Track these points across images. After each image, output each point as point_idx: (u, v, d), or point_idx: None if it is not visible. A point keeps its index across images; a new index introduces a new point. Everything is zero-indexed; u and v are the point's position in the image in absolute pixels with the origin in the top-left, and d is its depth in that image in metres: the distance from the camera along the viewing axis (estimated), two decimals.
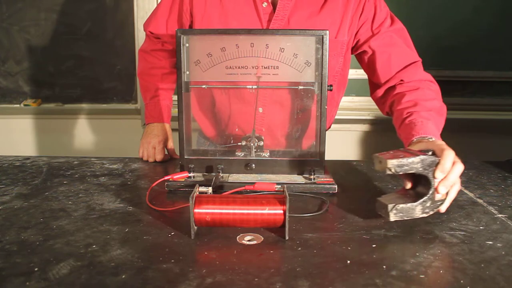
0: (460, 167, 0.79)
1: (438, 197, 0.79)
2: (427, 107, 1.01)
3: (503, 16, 2.01)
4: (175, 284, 0.59)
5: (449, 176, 0.78)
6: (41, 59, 2.11)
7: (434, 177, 0.78)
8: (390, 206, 0.77)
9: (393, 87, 1.12)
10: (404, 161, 0.76)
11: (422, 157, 0.77)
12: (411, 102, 1.04)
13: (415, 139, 0.93)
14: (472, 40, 2.03)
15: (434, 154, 0.80)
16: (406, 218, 0.78)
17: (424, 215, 0.79)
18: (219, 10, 1.14)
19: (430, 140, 0.91)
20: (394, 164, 0.76)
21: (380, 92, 1.15)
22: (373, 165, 0.80)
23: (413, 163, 0.77)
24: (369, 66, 1.16)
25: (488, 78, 2.07)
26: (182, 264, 0.64)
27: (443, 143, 0.86)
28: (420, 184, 0.82)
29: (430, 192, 0.78)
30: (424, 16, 2.01)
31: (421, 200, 0.78)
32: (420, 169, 0.77)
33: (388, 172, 0.76)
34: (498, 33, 2.02)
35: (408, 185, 0.84)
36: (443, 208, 0.81)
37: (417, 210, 0.78)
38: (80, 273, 0.61)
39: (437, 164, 0.78)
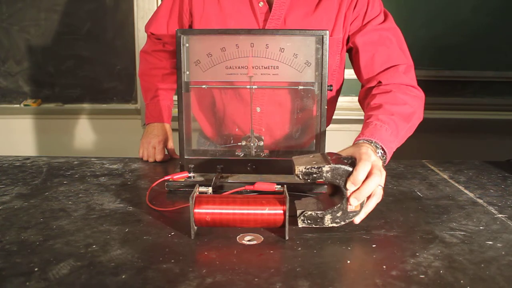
0: (375, 180, 0.74)
1: (351, 208, 0.75)
2: (390, 111, 0.97)
3: (503, 16, 2.01)
4: (175, 284, 0.59)
5: (362, 189, 0.73)
6: (41, 59, 2.11)
7: (346, 188, 0.74)
8: (298, 212, 0.75)
9: (371, 89, 1.09)
10: (313, 169, 0.73)
11: (333, 166, 0.73)
12: (376, 105, 1.00)
13: (357, 142, 0.89)
14: (472, 40, 2.03)
15: (354, 162, 0.75)
16: (314, 226, 0.75)
17: (335, 224, 0.76)
18: (217, 10, 1.14)
19: (362, 144, 0.86)
20: (301, 171, 0.73)
21: (362, 92, 1.13)
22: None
23: (323, 172, 0.73)
24: (354, 63, 1.15)
25: (488, 78, 2.08)
26: (182, 264, 0.64)
27: (367, 151, 0.78)
28: (338, 192, 0.78)
29: (342, 202, 0.74)
30: (424, 16, 2.01)
31: (330, 210, 0.75)
32: (331, 178, 0.74)
33: (297, 179, 0.73)
34: (498, 33, 2.02)
35: (329, 191, 0.80)
36: (357, 220, 0.77)
37: (326, 219, 0.75)
38: (80, 273, 0.61)
39: (349, 174, 0.74)
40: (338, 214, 0.75)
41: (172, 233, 0.74)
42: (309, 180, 0.74)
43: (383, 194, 0.80)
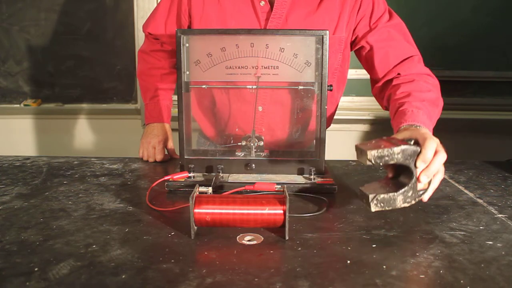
0: (442, 156, 0.78)
1: (420, 186, 0.77)
2: (420, 98, 1.00)
3: (503, 16, 2.01)
4: (175, 284, 0.59)
5: (431, 166, 0.77)
6: (41, 59, 2.11)
7: (415, 167, 0.76)
8: (371, 196, 0.75)
9: (390, 81, 1.12)
10: (385, 152, 0.74)
11: (403, 147, 0.75)
12: (405, 93, 1.03)
13: (402, 127, 0.92)
14: (472, 39, 2.03)
15: (416, 143, 0.78)
16: (387, 208, 0.76)
17: (406, 204, 0.77)
18: (217, 10, 1.14)
19: (415, 128, 0.89)
20: (374, 155, 0.74)
21: (378, 86, 1.15)
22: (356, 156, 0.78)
23: (394, 153, 0.75)
24: (367, 61, 1.17)
25: (488, 78, 2.07)
26: (182, 264, 0.64)
27: (427, 131, 0.85)
28: (403, 173, 0.79)
29: (412, 181, 0.77)
30: (424, 16, 2.01)
31: (402, 190, 0.76)
32: (401, 159, 0.75)
33: (369, 163, 0.74)
34: (498, 33, 2.02)
35: (390, 174, 0.82)
36: (425, 197, 0.80)
37: (399, 200, 0.76)
38: (80, 273, 0.61)
39: (418, 153, 0.76)
40: (409, 194, 0.77)
41: (172, 233, 0.74)
42: (381, 164, 0.75)
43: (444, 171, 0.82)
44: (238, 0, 1.13)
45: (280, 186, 0.89)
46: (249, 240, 0.72)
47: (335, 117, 1.34)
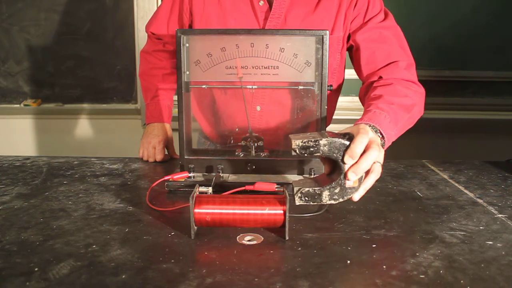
0: (373, 153, 0.73)
1: (348, 184, 0.74)
2: (390, 101, 0.97)
3: (503, 16, 2.01)
4: (175, 284, 0.59)
5: (360, 162, 0.73)
6: (41, 59, 2.11)
7: (343, 162, 0.74)
8: (295, 189, 0.75)
9: (372, 83, 1.10)
10: (310, 143, 0.73)
11: (330, 139, 0.73)
12: (376, 95, 1.01)
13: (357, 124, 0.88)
14: (472, 39, 2.03)
15: (351, 138, 0.74)
16: (312, 203, 0.75)
17: (333, 201, 0.75)
18: (217, 9, 1.14)
19: (363, 125, 0.84)
20: (298, 145, 0.73)
21: (362, 88, 1.14)
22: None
23: (320, 145, 0.73)
24: (355, 61, 1.16)
25: (488, 78, 2.08)
26: (182, 264, 0.64)
27: (365, 127, 0.78)
28: (336, 169, 0.77)
29: (340, 178, 0.74)
30: (424, 16, 2.01)
31: (328, 186, 0.74)
32: (328, 152, 0.73)
33: (293, 153, 0.73)
34: (498, 33, 2.02)
35: (326, 170, 0.79)
36: (355, 197, 0.76)
37: (324, 195, 0.75)
38: (80, 273, 0.61)
39: (347, 148, 0.73)
40: (336, 191, 0.75)
41: (172, 233, 0.74)
42: (306, 155, 0.73)
43: (382, 172, 0.79)
44: (237, 0, 1.13)
45: (280, 186, 0.89)
46: (249, 240, 0.72)
47: (335, 117, 1.34)
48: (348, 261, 0.66)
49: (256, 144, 1.01)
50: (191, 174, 0.97)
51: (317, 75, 0.95)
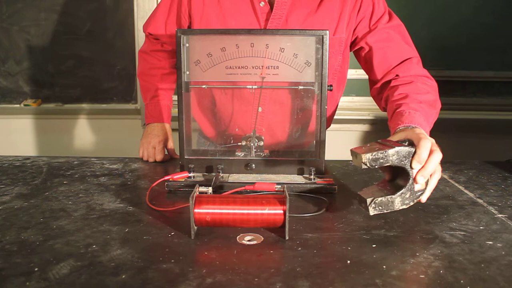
0: (438, 156, 0.78)
1: (417, 187, 0.78)
2: (418, 100, 1.00)
3: (503, 16, 2.01)
4: (175, 284, 0.59)
5: (427, 166, 0.77)
6: (41, 59, 2.11)
7: (411, 168, 0.77)
8: (368, 200, 0.76)
9: (388, 82, 1.12)
10: (379, 154, 0.75)
11: (397, 148, 0.76)
12: (402, 95, 1.03)
13: (398, 129, 0.92)
14: (473, 40, 2.03)
15: (411, 144, 0.79)
16: (386, 211, 0.77)
17: (404, 206, 0.78)
18: (217, 10, 1.14)
19: (411, 129, 0.89)
20: (368, 158, 0.75)
21: (377, 88, 1.15)
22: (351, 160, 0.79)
23: (388, 155, 0.75)
24: (366, 62, 1.17)
25: (488, 78, 2.08)
26: (182, 264, 0.64)
27: (422, 132, 0.85)
28: (400, 175, 0.80)
29: (409, 183, 0.77)
30: (424, 16, 2.01)
31: (400, 192, 0.77)
32: (396, 161, 0.76)
33: (364, 166, 0.75)
34: (498, 33, 2.02)
35: (388, 177, 0.82)
36: (423, 198, 0.80)
37: (397, 202, 0.77)
38: (80, 273, 0.61)
39: (413, 154, 0.77)
40: (407, 195, 0.78)
41: (172, 233, 0.74)
42: (376, 166, 0.75)
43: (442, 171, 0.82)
44: (237, 0, 1.13)
45: (280, 186, 0.89)
46: (249, 240, 0.72)
47: (335, 117, 1.34)
48: (348, 261, 0.66)
49: (256, 144, 1.01)
50: (191, 174, 0.97)
51: (317, 75, 0.95)
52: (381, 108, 1.17)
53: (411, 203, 0.78)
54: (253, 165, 0.99)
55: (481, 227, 0.79)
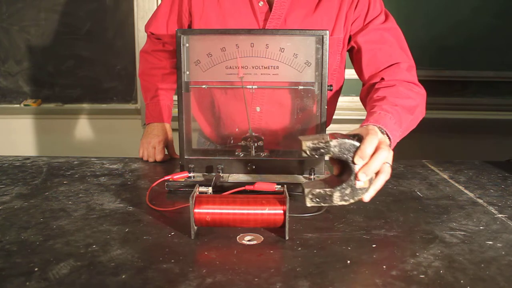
0: (383, 154, 0.74)
1: (359, 184, 0.75)
2: (393, 103, 0.98)
3: (503, 16, 2.01)
4: (175, 284, 0.59)
5: (370, 163, 0.73)
6: (41, 59, 2.11)
7: (354, 163, 0.74)
8: (306, 190, 0.75)
9: (373, 85, 1.10)
10: (321, 144, 0.73)
11: (340, 140, 0.73)
12: (380, 97, 1.01)
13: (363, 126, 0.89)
14: (472, 40, 2.03)
15: (360, 139, 0.75)
16: (323, 204, 0.75)
17: (344, 202, 0.75)
18: (217, 10, 1.14)
19: (366, 126, 0.86)
20: (309, 146, 0.73)
21: (364, 90, 1.14)
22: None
23: (330, 146, 0.73)
24: (356, 62, 1.16)
25: (488, 78, 2.08)
26: (182, 264, 0.64)
27: (373, 128, 0.81)
28: (346, 170, 0.77)
29: (350, 179, 0.74)
30: (424, 16, 2.01)
31: (339, 186, 0.75)
32: (338, 153, 0.74)
33: (304, 154, 0.74)
34: (498, 33, 2.02)
35: (336, 172, 0.80)
36: (366, 198, 0.76)
37: (335, 197, 0.75)
38: (80, 273, 0.61)
39: (357, 149, 0.74)
40: (347, 191, 0.75)
41: (172, 233, 0.74)
42: (316, 156, 0.74)
43: (391, 173, 0.79)
44: (237, 0, 1.13)
45: (280, 186, 0.89)
46: (249, 240, 0.72)
47: (335, 117, 1.34)
48: (348, 261, 0.66)
49: (256, 144, 1.01)
50: (191, 174, 0.97)
51: (317, 75, 0.95)
52: (367, 110, 1.16)
53: (351, 200, 0.76)
54: (253, 165, 0.99)
55: (481, 227, 0.79)
